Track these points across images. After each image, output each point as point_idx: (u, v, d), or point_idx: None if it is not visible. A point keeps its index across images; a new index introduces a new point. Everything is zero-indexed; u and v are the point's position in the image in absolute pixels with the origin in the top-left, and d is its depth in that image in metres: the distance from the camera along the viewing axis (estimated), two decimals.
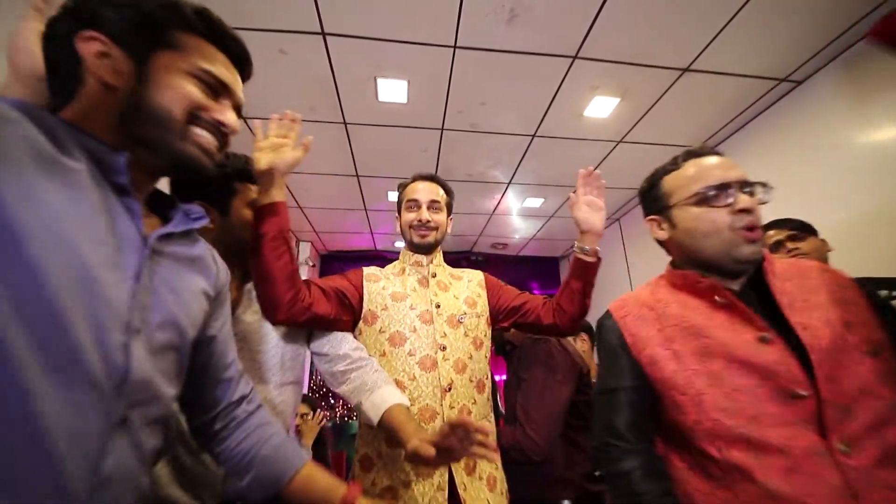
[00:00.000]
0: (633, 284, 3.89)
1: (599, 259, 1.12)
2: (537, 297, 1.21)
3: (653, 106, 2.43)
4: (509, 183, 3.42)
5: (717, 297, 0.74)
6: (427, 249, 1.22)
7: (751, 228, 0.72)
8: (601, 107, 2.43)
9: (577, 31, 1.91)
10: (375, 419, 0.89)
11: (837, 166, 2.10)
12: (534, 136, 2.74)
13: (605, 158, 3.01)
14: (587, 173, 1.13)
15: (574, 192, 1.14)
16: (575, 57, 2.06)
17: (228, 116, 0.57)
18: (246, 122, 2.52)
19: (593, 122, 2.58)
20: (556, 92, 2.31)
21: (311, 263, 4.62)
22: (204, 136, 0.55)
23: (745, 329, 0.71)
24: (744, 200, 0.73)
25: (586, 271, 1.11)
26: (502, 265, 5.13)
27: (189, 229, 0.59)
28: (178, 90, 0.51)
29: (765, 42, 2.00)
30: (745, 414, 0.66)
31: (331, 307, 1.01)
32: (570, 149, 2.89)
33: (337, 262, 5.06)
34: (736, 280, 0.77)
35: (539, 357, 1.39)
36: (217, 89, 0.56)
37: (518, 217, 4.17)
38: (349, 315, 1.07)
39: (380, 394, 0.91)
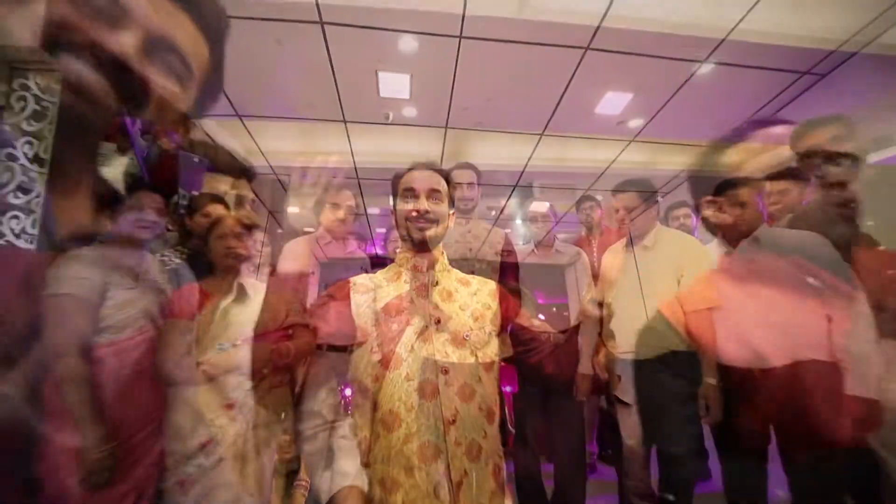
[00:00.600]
0: (643, 287, 3.76)
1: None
2: (547, 343, 1.08)
3: (667, 102, 2.33)
4: (515, 185, 3.31)
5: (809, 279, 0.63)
6: (426, 247, 1.08)
7: (847, 204, 0.61)
8: (613, 103, 2.34)
9: (589, 20, 1.81)
10: (325, 496, 0.81)
11: None
12: (542, 134, 2.64)
13: (615, 158, 2.91)
14: None
15: None
16: (587, 48, 1.96)
17: (113, 36, 0.43)
18: (242, 120, 2.42)
19: (605, 119, 2.48)
20: (567, 87, 2.21)
21: (310, 270, 4.51)
22: (71, 64, 0.41)
23: None
24: (836, 173, 0.61)
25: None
26: (505, 273, 5.00)
27: None
28: (35, 14, 0.40)
29: (786, 33, 1.90)
30: None
31: (336, 376, 0.96)
32: (580, 148, 2.79)
33: (337, 268, 4.95)
34: None
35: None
36: (109, 12, 0.43)
37: (523, 221, 4.06)
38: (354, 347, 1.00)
39: (337, 468, 0.84)
